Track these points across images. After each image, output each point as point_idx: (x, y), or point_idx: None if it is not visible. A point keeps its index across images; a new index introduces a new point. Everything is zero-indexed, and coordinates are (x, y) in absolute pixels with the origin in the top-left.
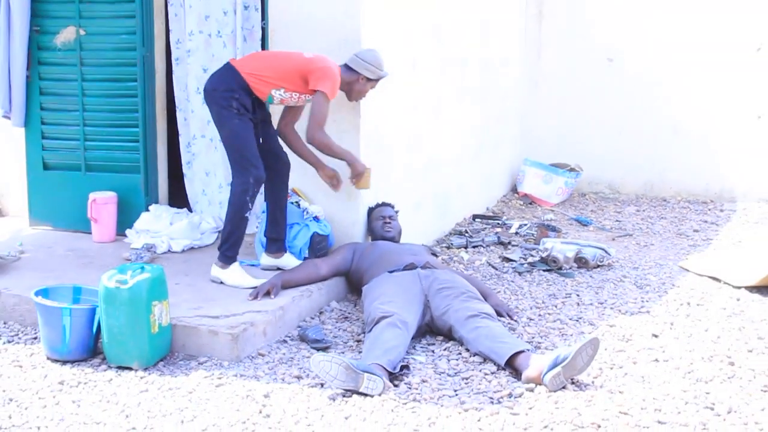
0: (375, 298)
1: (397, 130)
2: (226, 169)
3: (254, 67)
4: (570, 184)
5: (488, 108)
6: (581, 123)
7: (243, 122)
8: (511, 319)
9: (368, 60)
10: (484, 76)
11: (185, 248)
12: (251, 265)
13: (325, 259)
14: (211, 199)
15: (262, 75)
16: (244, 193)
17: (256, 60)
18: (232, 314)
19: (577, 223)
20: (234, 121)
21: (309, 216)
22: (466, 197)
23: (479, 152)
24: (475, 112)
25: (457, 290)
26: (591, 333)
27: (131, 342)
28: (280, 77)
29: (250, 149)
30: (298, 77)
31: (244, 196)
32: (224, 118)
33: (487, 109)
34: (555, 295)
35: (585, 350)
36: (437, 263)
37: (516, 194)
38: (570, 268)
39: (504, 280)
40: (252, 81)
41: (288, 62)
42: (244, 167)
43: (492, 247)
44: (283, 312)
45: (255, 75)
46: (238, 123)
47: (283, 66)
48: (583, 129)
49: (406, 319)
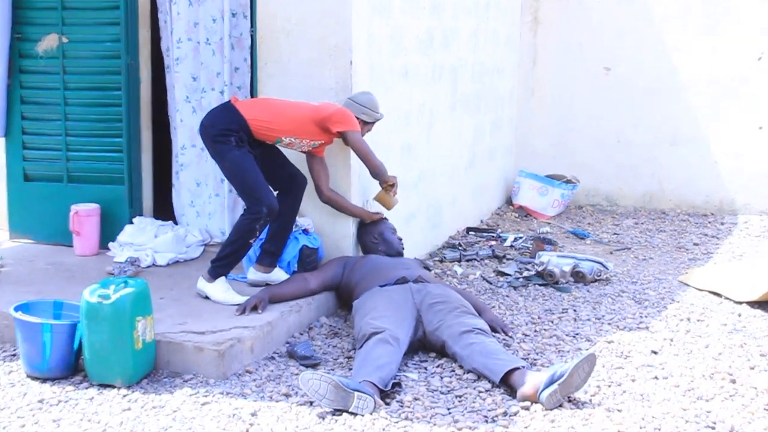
0: (366, 313)
1: (389, 142)
2: (216, 179)
3: (260, 116)
4: (566, 196)
5: (482, 117)
6: (578, 133)
7: (243, 153)
8: (506, 335)
9: (364, 103)
10: (477, 84)
11: (170, 262)
12: (238, 279)
13: (315, 273)
14: (200, 210)
15: (270, 125)
16: (254, 221)
17: (262, 109)
18: (219, 330)
19: (573, 236)
20: (233, 153)
21: (298, 229)
22: (459, 209)
23: (473, 163)
24: (468, 122)
25: (451, 305)
26: (588, 349)
27: (114, 359)
28: (291, 127)
29: (255, 179)
30: (312, 125)
31: (254, 224)
32: (222, 151)
33: (481, 118)
34: (551, 310)
35: (582, 367)
36: (430, 277)
37: (511, 206)
38: (567, 282)
39: (499, 295)
40: (257, 127)
41: (298, 111)
42: (255, 198)
43: (486, 260)
44: (271, 328)
45: (261, 123)
46: (237, 154)
47: (294, 116)
48: (580, 139)
49: (397, 335)
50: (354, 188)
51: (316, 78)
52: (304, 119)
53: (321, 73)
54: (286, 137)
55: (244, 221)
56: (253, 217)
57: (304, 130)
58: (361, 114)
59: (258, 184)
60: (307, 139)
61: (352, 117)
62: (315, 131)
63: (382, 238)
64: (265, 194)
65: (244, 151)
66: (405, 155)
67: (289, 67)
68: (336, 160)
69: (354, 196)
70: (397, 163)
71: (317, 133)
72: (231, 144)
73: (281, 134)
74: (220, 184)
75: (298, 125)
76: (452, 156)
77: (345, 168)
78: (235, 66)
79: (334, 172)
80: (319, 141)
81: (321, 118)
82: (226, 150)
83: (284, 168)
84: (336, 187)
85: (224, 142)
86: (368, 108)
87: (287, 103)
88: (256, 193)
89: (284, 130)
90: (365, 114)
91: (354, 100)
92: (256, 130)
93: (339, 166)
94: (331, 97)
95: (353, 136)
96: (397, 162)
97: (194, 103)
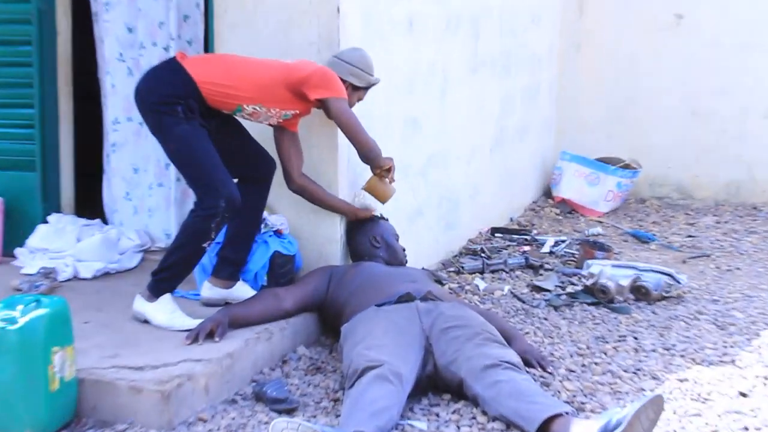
0: (358, 341)
1: (388, 115)
2: (160, 163)
3: (214, 77)
4: (624, 186)
5: (512, 82)
6: (639, 102)
7: (192, 128)
8: (544, 370)
9: (354, 62)
10: (506, 39)
11: (98, 274)
12: (188, 296)
13: (291, 288)
14: (138, 205)
15: (228, 89)
16: (208, 219)
17: (217, 68)
18: (162, 364)
19: (634, 239)
20: (180, 127)
21: (268, 230)
22: (482, 204)
23: (500, 143)
24: (494, 88)
25: (470, 330)
26: (654, 390)
27: (22, 403)
28: (256, 93)
29: (208, 162)
30: (283, 90)
31: (208, 223)
32: (165, 125)
33: (510, 83)
34: (604, 337)
35: (646, 413)
36: (443, 293)
37: (550, 200)
38: (625, 300)
39: (534, 317)
40: (210, 93)
41: (265, 72)
42: (209, 187)
43: (518, 271)
44: (231, 361)
45: (215, 87)
46: (186, 129)
47: (259, 78)
48: (642, 110)
49: (399, 370)
50: (342, 177)
51: (292, 30)
52: (272, 82)
53: (299, 23)
54: (248, 105)
55: (195, 219)
56: (207, 214)
57: (272, 97)
58: (350, 76)
59: (213, 169)
60: (277, 108)
61: (336, 80)
62: (287, 98)
63: (384, 242)
64: (223, 182)
65: (194, 124)
66: (409, 132)
67: (256, 15)
68: (318, 139)
69: (342, 189)
70: (398, 143)
71: (290, 100)
72: (177, 115)
73: (242, 101)
74: (164, 170)
75: (264, 90)
76: (472, 134)
77: (330, 149)
78: (184, 14)
79: (316, 155)
80: (293, 111)
81: (295, 80)
82: (170, 123)
83: (247, 148)
84: (320, 175)
85: (168, 113)
86: (360, 68)
87: (251, 60)
88: (210, 181)
89: (246, 96)
90: (355, 76)
91: (341, 59)
92: (210, 95)
93: (322, 147)
94: (312, 54)
95: (337, 105)
96: (399, 141)
97: (130, 62)
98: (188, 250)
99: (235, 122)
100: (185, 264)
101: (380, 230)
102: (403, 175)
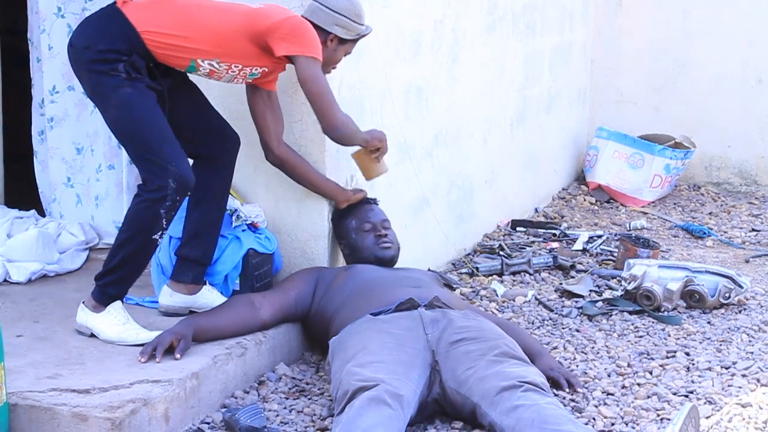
0: (349, 357)
1: (386, 81)
2: (110, 140)
3: (160, 26)
4: (675, 169)
5: (538, 43)
6: (693, 68)
7: (138, 91)
8: (575, 392)
9: (341, 10)
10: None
11: (33, 277)
12: (143, 304)
13: (269, 294)
14: (82, 192)
15: (176, 40)
16: (157, 204)
17: (164, 14)
18: (112, 387)
19: (685, 233)
20: (122, 90)
21: (241, 222)
22: (501, 192)
23: (523, 117)
24: (516, 50)
25: (485, 344)
26: (710, 417)
27: None
28: (211, 45)
29: (156, 132)
30: (245, 42)
31: (156, 208)
32: (105, 88)
33: (536, 44)
34: (649, 353)
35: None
36: (453, 300)
37: (584, 186)
38: (674, 308)
39: (564, 329)
40: (155, 45)
41: (223, 19)
42: (156, 165)
43: (544, 273)
44: (197, 382)
45: (161, 38)
46: (129, 93)
47: (215, 26)
48: (697, 78)
49: (399, 392)
50: (330, 159)
51: None
52: (232, 32)
53: None
54: (203, 61)
55: (140, 205)
56: (154, 198)
57: (232, 50)
58: (335, 27)
59: (160, 142)
60: (239, 64)
61: (310, 34)
62: (251, 52)
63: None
64: (172, 158)
65: (138, 86)
66: (412, 105)
67: None
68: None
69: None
70: (400, 116)
71: (254, 55)
72: (118, 75)
73: (195, 55)
74: (116, 149)
75: (222, 42)
76: (489, 106)
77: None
78: None
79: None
80: (260, 68)
81: (260, 30)
82: (109, 85)
83: (206, 119)
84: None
85: (107, 73)
86: (348, 18)
87: (207, 5)
88: (156, 157)
89: (200, 48)
90: (343, 27)
91: (325, 5)
92: (157, 49)
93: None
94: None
95: (306, 66)
96: (401, 114)
97: (71, 17)
98: (136, 245)
99: (193, 86)
100: (134, 262)
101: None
102: (404, 157)
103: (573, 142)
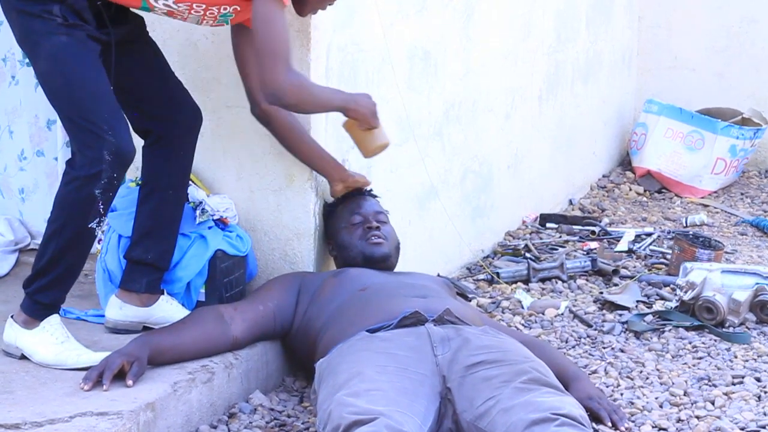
0: (341, 383)
1: (384, 43)
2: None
3: None
4: (742, 151)
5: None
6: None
7: (75, 41)
8: (617, 428)
9: None
10: None
11: None
12: (86, 318)
13: (241, 305)
14: (4, 184)
15: None
16: (89, 183)
17: None
18: (48, 420)
19: (755, 230)
20: (56, 38)
21: (207, 217)
22: (526, 180)
23: (554, 87)
24: (545, 5)
25: (510, 368)
26: None
27: None
28: None
29: (94, 93)
30: None
31: (90, 187)
32: (36, 35)
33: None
34: (710, 378)
35: None
36: (468, 313)
37: (629, 173)
38: (742, 323)
39: (606, 348)
40: None
41: None
42: (88, 132)
43: (581, 280)
44: (153, 415)
45: None
46: (65, 42)
47: None
48: None
49: (403, 428)
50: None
51: None
52: None
53: None
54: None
55: (69, 186)
56: (85, 174)
57: None
58: None
59: (96, 103)
60: (203, 3)
61: None
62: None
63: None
64: (108, 124)
65: (77, 35)
66: (417, 70)
67: None
68: None
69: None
70: (403, 86)
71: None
72: (53, 19)
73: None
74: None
75: None
76: (512, 74)
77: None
78: None
79: None
80: (231, 6)
81: None
82: (41, 31)
83: (159, 86)
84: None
85: (39, 16)
86: None
87: None
88: (89, 123)
89: None
90: None
91: None
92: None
93: None
94: None
95: (264, 7)
96: (404, 83)
97: None
98: (69, 236)
99: (151, 45)
100: (68, 260)
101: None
102: (407, 137)
103: (616, 117)
